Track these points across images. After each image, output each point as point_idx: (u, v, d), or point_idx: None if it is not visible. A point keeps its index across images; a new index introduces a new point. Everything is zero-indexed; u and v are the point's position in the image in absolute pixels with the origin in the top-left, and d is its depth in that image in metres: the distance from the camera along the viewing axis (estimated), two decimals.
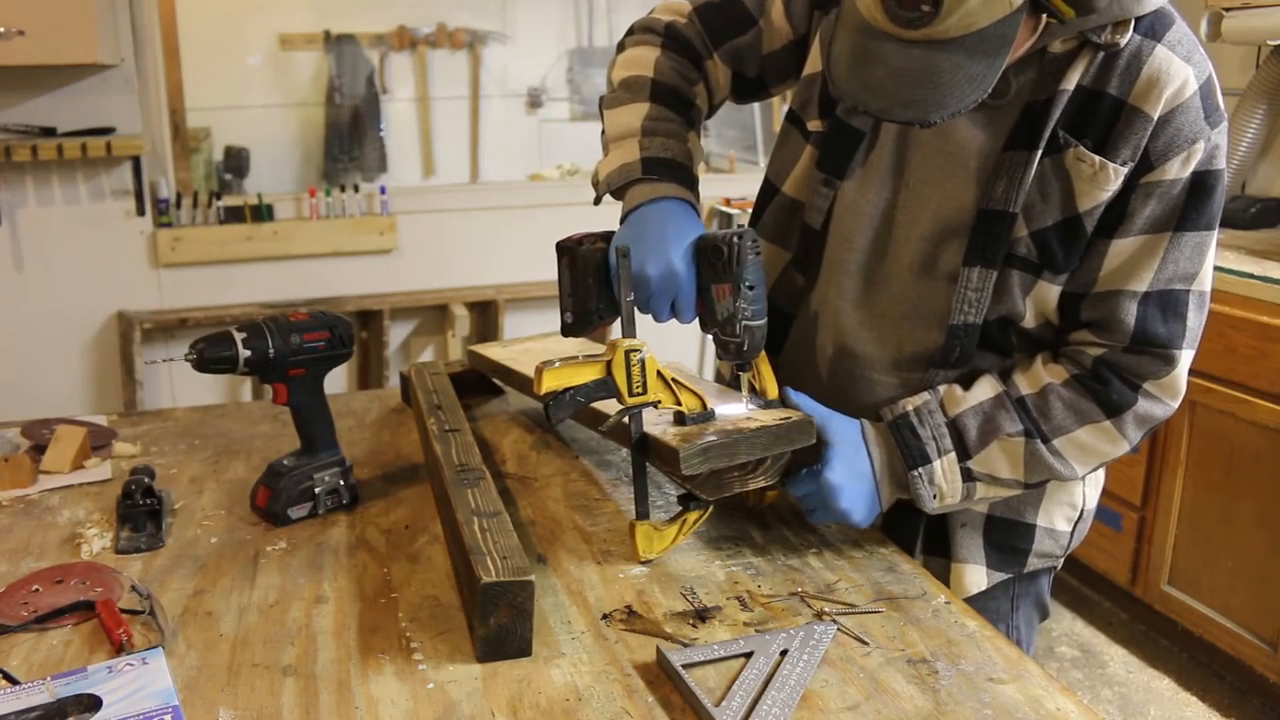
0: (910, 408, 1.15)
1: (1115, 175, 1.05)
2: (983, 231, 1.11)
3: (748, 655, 0.95)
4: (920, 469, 1.14)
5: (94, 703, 0.86)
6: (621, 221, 1.18)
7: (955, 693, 0.91)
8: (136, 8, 3.23)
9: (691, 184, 1.19)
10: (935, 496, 1.14)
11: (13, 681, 0.91)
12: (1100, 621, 2.95)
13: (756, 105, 4.52)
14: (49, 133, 3.16)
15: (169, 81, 3.35)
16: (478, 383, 1.65)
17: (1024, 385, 1.14)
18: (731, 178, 4.22)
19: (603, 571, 1.12)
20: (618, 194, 1.21)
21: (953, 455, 1.13)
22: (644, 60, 1.27)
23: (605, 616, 1.03)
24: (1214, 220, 1.08)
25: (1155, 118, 1.03)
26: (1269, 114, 2.97)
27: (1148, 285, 1.08)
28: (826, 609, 1.04)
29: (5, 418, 1.61)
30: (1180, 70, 1.03)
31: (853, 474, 1.15)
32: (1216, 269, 2.50)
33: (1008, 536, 1.23)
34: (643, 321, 1.15)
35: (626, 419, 1.13)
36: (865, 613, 1.04)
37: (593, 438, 1.49)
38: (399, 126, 4.63)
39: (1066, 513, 1.24)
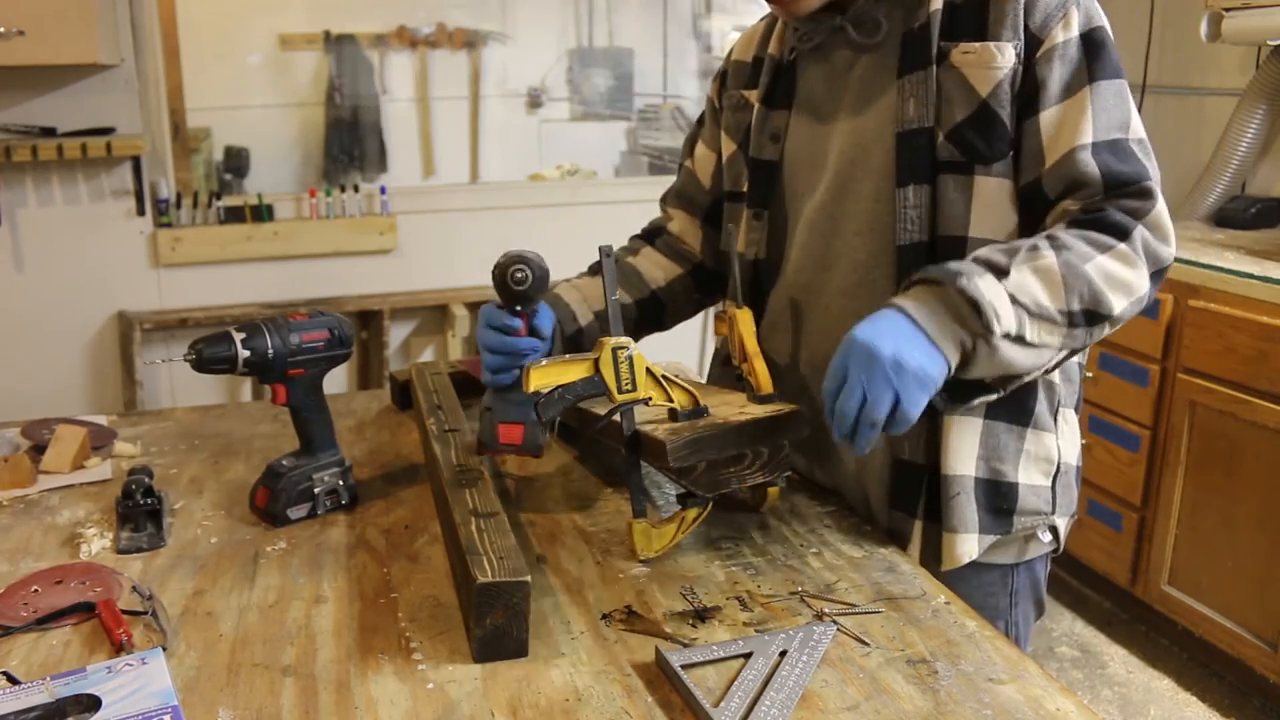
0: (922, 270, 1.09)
1: (999, 51, 1.12)
2: (906, 151, 1.16)
3: (747, 656, 0.95)
4: (962, 280, 1.02)
5: (93, 703, 0.86)
6: None
7: (955, 693, 0.91)
8: (136, 8, 3.23)
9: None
10: (996, 317, 1.01)
11: (13, 682, 0.91)
12: (1100, 621, 2.95)
13: None
14: (49, 133, 3.15)
15: (169, 81, 3.35)
16: (478, 382, 1.65)
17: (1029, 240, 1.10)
18: None
19: (602, 571, 1.12)
20: None
21: (990, 277, 1.04)
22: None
23: (605, 616, 1.03)
24: (1119, 69, 1.14)
25: None
26: (1269, 114, 2.97)
27: (1092, 136, 1.11)
28: (826, 609, 1.04)
29: (5, 418, 1.62)
30: None
31: (886, 325, 1.02)
32: (1216, 269, 2.51)
33: (994, 497, 1.21)
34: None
35: (618, 416, 1.13)
36: (865, 613, 1.04)
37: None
38: (399, 126, 4.63)
39: (1043, 467, 1.22)
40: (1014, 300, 1.04)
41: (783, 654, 0.95)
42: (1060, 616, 2.98)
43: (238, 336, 1.17)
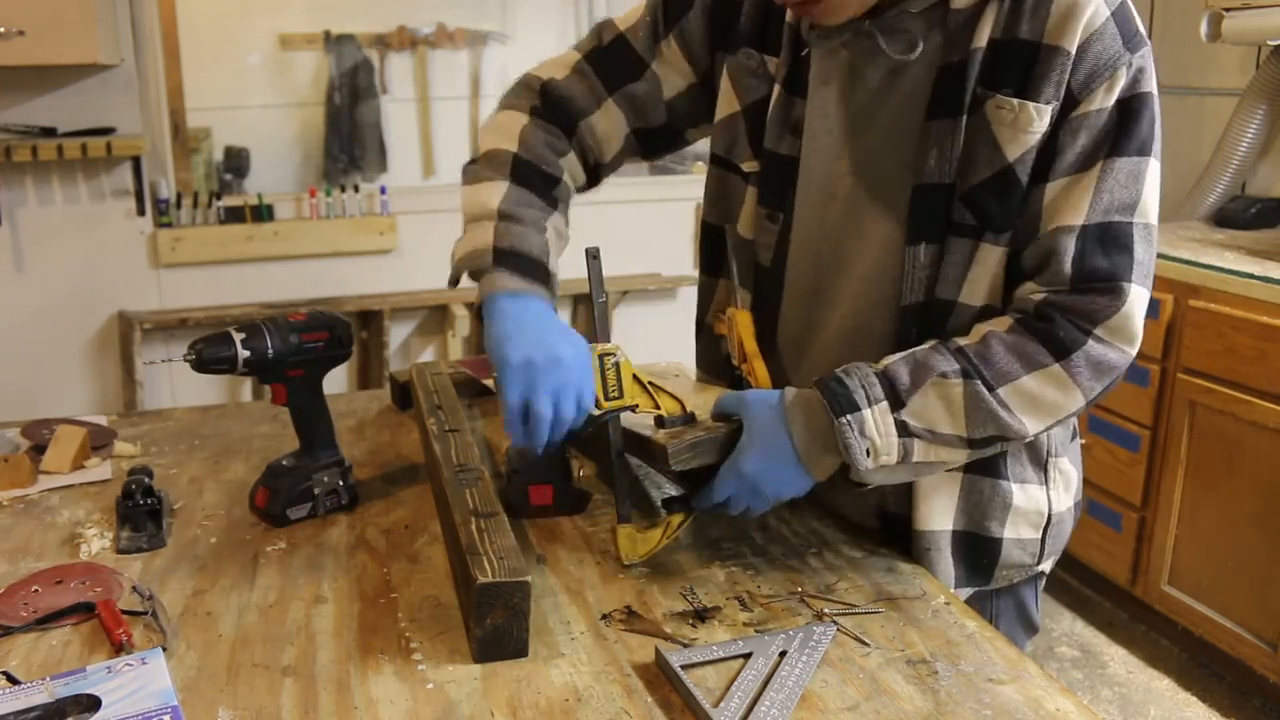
0: (837, 370, 1.08)
1: (1038, 114, 1.03)
2: (922, 208, 1.08)
3: (746, 656, 0.95)
4: (848, 416, 1.03)
5: (93, 703, 0.86)
6: (480, 307, 1.12)
7: (955, 693, 0.91)
8: (136, 8, 3.23)
9: (547, 281, 1.14)
10: (869, 452, 1.03)
11: (13, 682, 0.91)
12: (1100, 621, 2.95)
13: None
14: (49, 133, 3.15)
15: (169, 81, 3.35)
16: (478, 382, 1.66)
17: (962, 340, 1.07)
18: None
19: (602, 571, 1.12)
20: (474, 276, 1.15)
21: (885, 405, 1.04)
22: (510, 130, 1.23)
23: (605, 616, 1.03)
24: (1147, 145, 1.03)
25: (1073, 51, 1.01)
26: (1269, 114, 2.97)
27: (1084, 218, 1.03)
28: (826, 609, 1.04)
29: (5, 418, 1.61)
30: (1089, 0, 1.01)
31: (772, 455, 1.07)
32: (1216, 269, 2.51)
33: (973, 552, 1.18)
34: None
35: (605, 422, 1.12)
36: (865, 613, 1.04)
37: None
38: (399, 126, 4.62)
39: (1033, 520, 1.18)
40: (905, 429, 1.04)
41: (782, 654, 0.95)
42: (1060, 616, 2.98)
43: (238, 337, 1.17)
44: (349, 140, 4.48)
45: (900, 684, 0.92)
